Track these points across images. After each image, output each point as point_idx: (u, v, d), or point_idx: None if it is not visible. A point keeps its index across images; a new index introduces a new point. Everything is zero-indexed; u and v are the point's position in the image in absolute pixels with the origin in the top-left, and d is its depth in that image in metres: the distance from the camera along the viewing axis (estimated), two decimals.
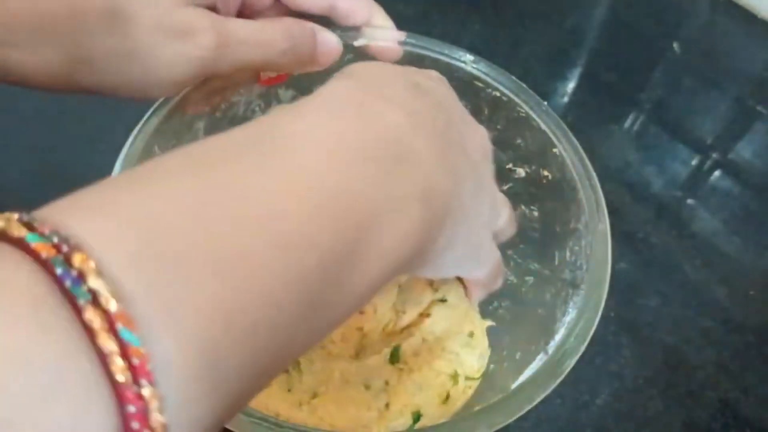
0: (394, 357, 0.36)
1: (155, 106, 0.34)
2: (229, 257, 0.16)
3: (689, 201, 0.55)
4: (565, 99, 0.61)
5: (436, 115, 0.24)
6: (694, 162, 0.58)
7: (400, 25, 0.36)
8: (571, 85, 0.63)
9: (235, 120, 0.39)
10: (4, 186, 0.47)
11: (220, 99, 0.38)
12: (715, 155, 0.58)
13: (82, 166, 0.47)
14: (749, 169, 0.58)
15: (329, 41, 0.34)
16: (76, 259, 0.13)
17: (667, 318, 0.47)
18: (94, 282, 0.13)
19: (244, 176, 0.17)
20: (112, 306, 0.13)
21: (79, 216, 0.15)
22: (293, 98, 0.41)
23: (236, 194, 0.17)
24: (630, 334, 0.46)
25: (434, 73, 0.29)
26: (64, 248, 0.14)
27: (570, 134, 0.34)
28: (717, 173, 0.57)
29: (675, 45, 0.67)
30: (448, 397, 0.36)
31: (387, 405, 0.35)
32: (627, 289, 0.48)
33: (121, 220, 0.15)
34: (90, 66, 0.30)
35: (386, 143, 0.21)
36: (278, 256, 0.17)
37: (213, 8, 0.32)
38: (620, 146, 0.58)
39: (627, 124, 0.60)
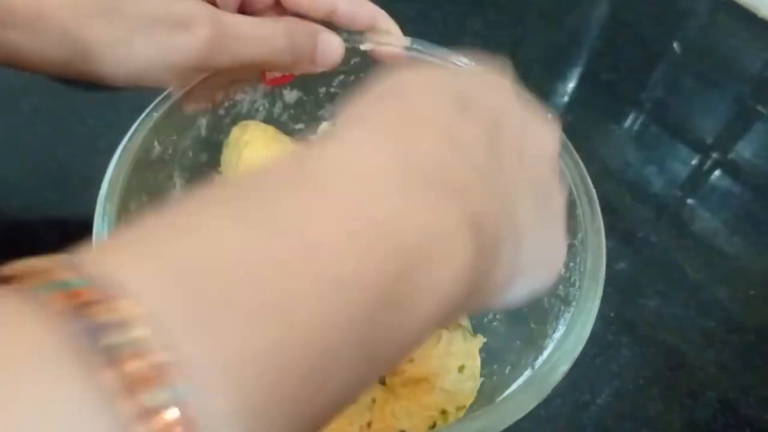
0: (382, 378, 0.35)
1: (157, 100, 0.33)
2: (275, 302, 0.15)
3: (689, 201, 0.55)
4: (565, 99, 0.61)
5: (484, 135, 0.22)
6: (694, 162, 0.58)
7: (400, 24, 0.36)
8: (571, 85, 0.63)
9: (237, 118, 0.39)
10: (4, 186, 0.47)
11: (224, 96, 0.38)
12: (715, 155, 0.58)
13: (82, 165, 0.47)
14: (749, 169, 0.58)
15: (331, 42, 0.34)
16: (123, 305, 0.13)
17: (667, 318, 0.47)
18: (140, 330, 0.13)
19: (286, 216, 0.17)
20: (163, 356, 0.13)
21: (122, 261, 0.14)
22: (298, 99, 0.41)
23: (278, 237, 0.16)
24: (630, 334, 0.46)
25: (491, 75, 0.25)
26: (108, 292, 0.13)
27: (572, 148, 0.34)
28: (717, 173, 0.57)
29: (675, 45, 0.67)
30: (435, 425, 0.34)
31: (369, 424, 0.34)
32: (627, 289, 0.48)
33: (167, 268, 0.14)
34: (88, 54, 0.30)
35: (426, 171, 0.20)
36: (325, 296, 0.16)
37: (213, 3, 0.32)
38: (620, 146, 0.58)
39: (627, 124, 0.60)
